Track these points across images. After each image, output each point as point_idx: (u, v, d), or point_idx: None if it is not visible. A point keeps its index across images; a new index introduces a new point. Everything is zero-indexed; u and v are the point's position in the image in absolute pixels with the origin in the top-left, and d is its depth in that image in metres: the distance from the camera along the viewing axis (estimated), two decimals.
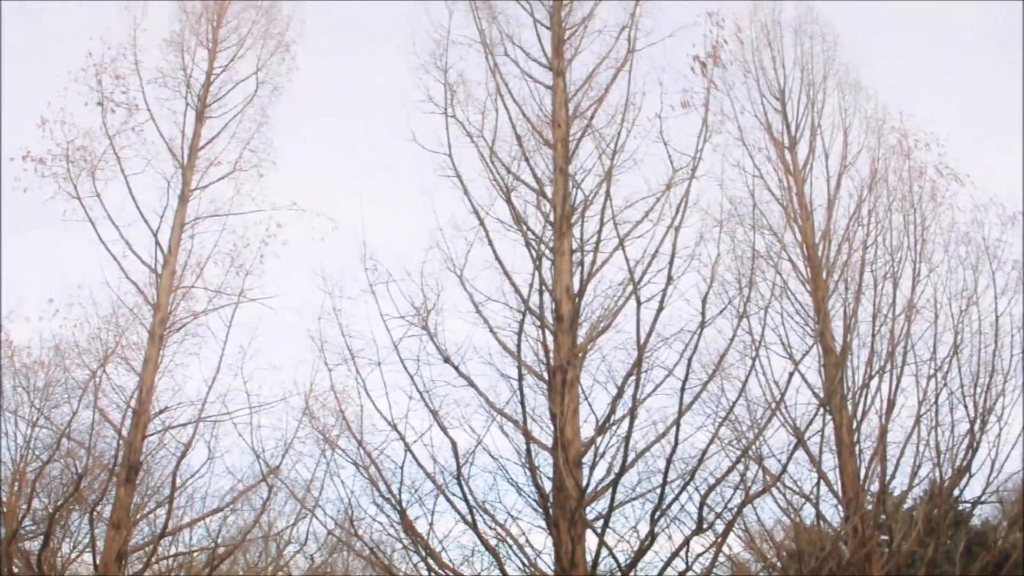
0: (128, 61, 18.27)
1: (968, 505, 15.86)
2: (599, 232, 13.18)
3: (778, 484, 14.00)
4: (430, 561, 11.97)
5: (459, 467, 11.73)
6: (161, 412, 16.97)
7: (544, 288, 13.01)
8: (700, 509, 11.00)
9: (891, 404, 14.46)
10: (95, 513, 16.25)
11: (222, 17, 19.27)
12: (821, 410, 13.73)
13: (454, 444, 11.92)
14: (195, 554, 18.91)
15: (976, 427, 14.29)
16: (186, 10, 19.12)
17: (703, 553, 11.36)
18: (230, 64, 19.05)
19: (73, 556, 19.55)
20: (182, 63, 18.62)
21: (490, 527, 12.11)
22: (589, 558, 11.45)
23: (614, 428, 12.30)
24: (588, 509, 11.83)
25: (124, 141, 17.85)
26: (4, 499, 17.68)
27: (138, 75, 18.24)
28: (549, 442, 12.23)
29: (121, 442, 16.12)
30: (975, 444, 14.20)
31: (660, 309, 11.87)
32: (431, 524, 12.17)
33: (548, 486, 12.11)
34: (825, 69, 18.07)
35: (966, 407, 14.58)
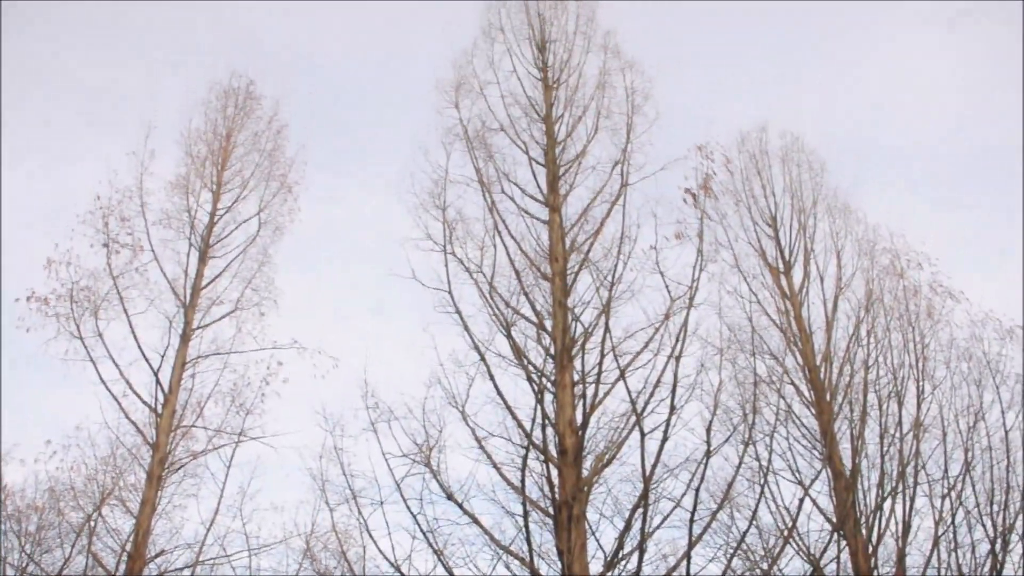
0: (134, 203, 18.77)
1: None
2: (600, 364, 13.24)
3: None
4: None
5: None
6: (157, 556, 16.54)
7: (547, 421, 12.94)
8: None
9: (907, 526, 14.17)
10: None
11: (226, 160, 19.91)
12: (835, 535, 13.45)
13: None
14: None
15: (997, 547, 13.95)
16: (192, 154, 19.79)
17: None
18: (233, 205, 19.58)
19: None
20: (187, 205, 19.12)
21: None
22: None
23: (623, 563, 12.03)
24: None
25: (128, 281, 18.13)
26: None
27: (144, 217, 18.71)
28: None
29: None
30: (998, 566, 13.83)
31: (664, 439, 11.84)
32: None
33: None
34: (814, 195, 18.65)
35: (984, 526, 14.30)
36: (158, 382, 17.29)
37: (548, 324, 13.95)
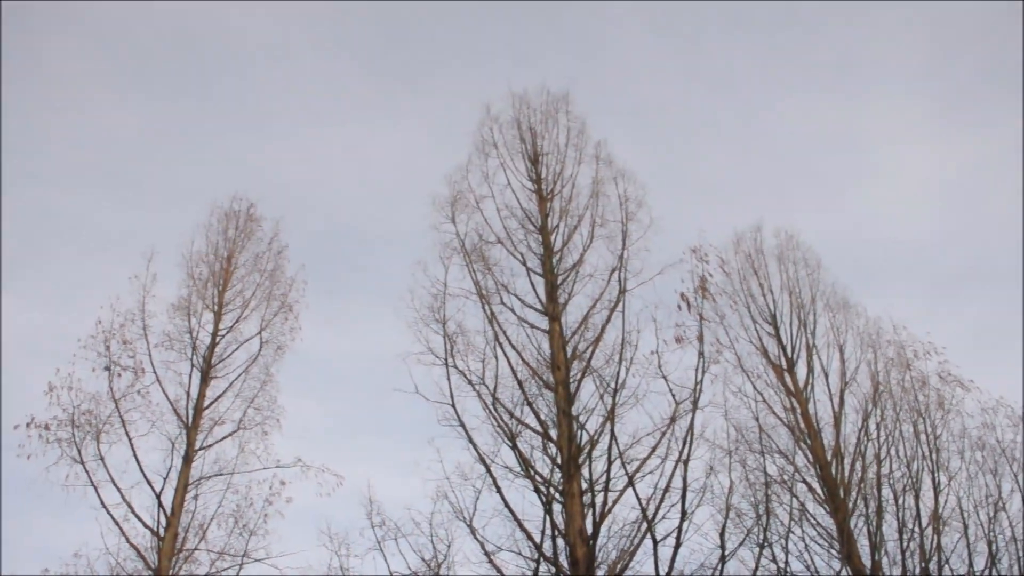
0: (136, 326, 18.89)
1: None
2: (607, 471, 13.10)
3: None
4: None
5: None
6: None
7: (557, 532, 12.71)
8: None
9: None
10: None
11: (228, 281, 20.15)
12: None
13: None
14: None
15: None
16: (193, 275, 20.04)
17: None
18: (235, 325, 19.71)
19: None
20: (188, 326, 19.24)
21: None
22: None
23: None
24: None
25: (129, 404, 18.08)
26: None
27: (146, 339, 18.78)
28: None
29: None
30: None
31: (678, 545, 11.61)
32: None
33: None
34: (812, 291, 18.77)
35: None
36: (160, 504, 17.05)
37: (553, 433, 13.86)
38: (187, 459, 17.82)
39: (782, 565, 12.87)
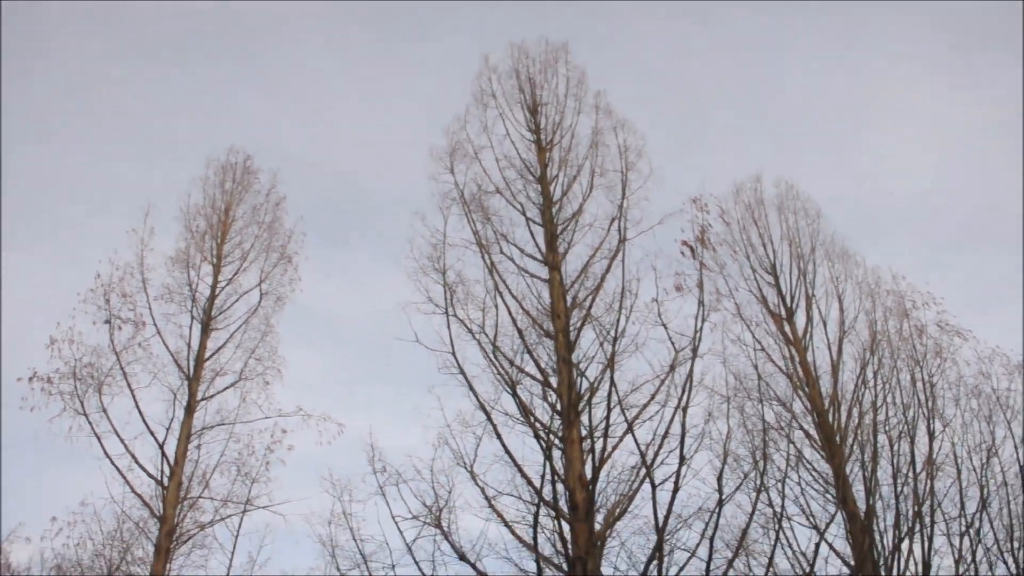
0: (135, 280, 18.91)
1: None
2: (607, 418, 13.22)
3: None
4: None
5: None
6: None
7: (556, 478, 12.88)
8: None
9: (927, 566, 13.98)
10: None
11: (226, 234, 20.12)
12: None
13: None
14: None
15: None
16: (191, 228, 20.00)
17: None
18: (234, 277, 19.73)
19: None
20: (188, 279, 19.26)
21: None
22: None
23: None
24: None
25: (131, 356, 18.18)
26: None
27: (145, 292, 18.82)
28: None
29: None
30: None
31: (676, 490, 11.77)
32: None
33: None
34: (812, 241, 18.82)
35: (1005, 563, 14.16)
36: (163, 455, 17.24)
37: (553, 381, 13.98)
38: (189, 409, 17.98)
39: (778, 509, 13.06)
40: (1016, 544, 14.19)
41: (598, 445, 13.23)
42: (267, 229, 20.41)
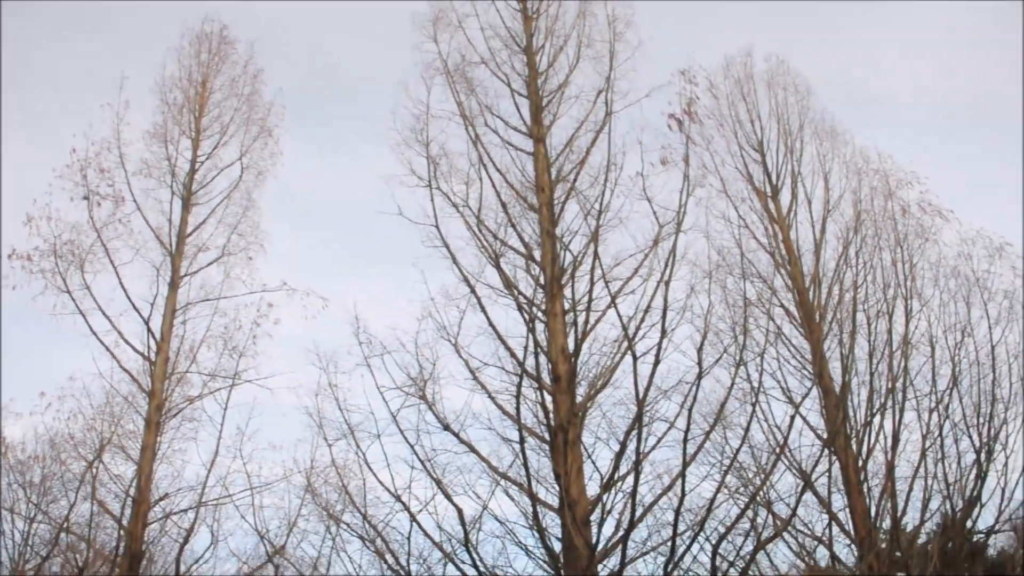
0: (112, 155, 18.55)
1: (982, 535, 15.71)
2: (590, 291, 13.30)
3: (789, 528, 13.85)
4: None
5: (467, 534, 11.61)
6: (161, 499, 16.78)
7: (539, 350, 13.03)
8: (713, 559, 10.89)
9: (896, 440, 14.41)
10: None
11: (203, 107, 19.62)
12: (826, 451, 13.68)
13: (460, 511, 11.80)
14: None
15: (982, 457, 14.30)
16: (168, 102, 19.49)
17: None
18: (214, 151, 19.35)
19: None
20: (166, 153, 18.89)
21: None
22: None
23: (620, 484, 12.26)
24: (600, 567, 11.68)
25: (112, 233, 18.02)
26: None
27: (123, 168, 18.49)
28: (555, 503, 12.12)
29: (122, 532, 15.93)
30: (983, 473, 14.19)
31: (656, 363, 11.89)
32: None
33: (558, 547, 11.98)
34: (801, 118, 18.57)
35: (971, 437, 14.62)
36: (149, 330, 17.32)
37: (537, 254, 13.98)
38: (173, 285, 17.97)
39: (756, 383, 13.30)
40: (981, 420, 14.59)
41: (581, 318, 13.36)
42: (246, 102, 19.92)
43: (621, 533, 11.49)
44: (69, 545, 17.41)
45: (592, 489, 12.46)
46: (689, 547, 11.17)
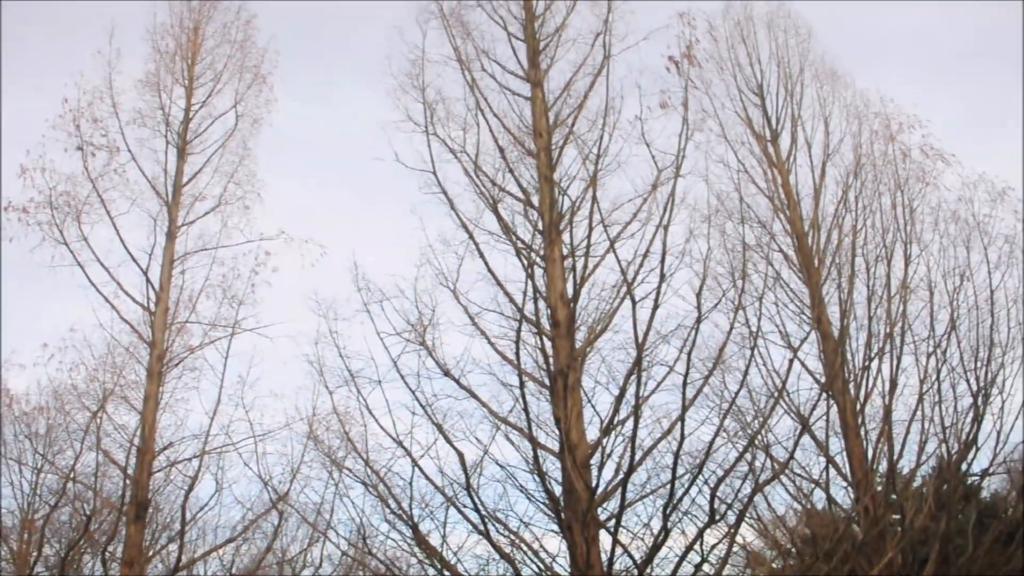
0: (105, 104, 18.31)
1: (976, 478, 15.93)
2: (589, 236, 13.26)
3: (787, 471, 13.99)
4: (446, 573, 11.96)
5: (468, 478, 11.72)
6: (165, 448, 16.99)
7: (538, 295, 13.03)
8: (711, 501, 10.99)
9: (893, 384, 14.52)
10: (107, 554, 16.19)
11: (196, 54, 19.34)
12: (824, 395, 13.75)
13: (461, 456, 11.92)
14: None
15: (979, 400, 14.37)
16: (160, 50, 19.18)
17: (717, 544, 11.33)
18: (208, 100, 19.10)
19: None
20: (160, 102, 18.66)
21: (503, 535, 12.12)
22: (604, 558, 11.43)
23: (619, 428, 12.36)
24: (600, 510, 11.82)
25: (107, 183, 17.89)
26: (14, 547, 17.60)
27: (116, 117, 18.28)
28: (556, 447, 12.22)
29: (128, 481, 16.12)
30: (979, 417, 14.28)
31: (655, 307, 11.89)
32: (444, 537, 12.19)
33: (558, 490, 12.11)
34: (801, 61, 18.30)
35: (968, 381, 14.67)
36: (148, 281, 17.32)
37: (535, 199, 13.90)
38: (170, 235, 17.91)
39: (754, 328, 13.30)
40: (978, 364, 14.65)
41: (579, 264, 13.32)
42: (239, 48, 19.59)
43: (621, 476, 11.60)
44: (76, 494, 17.67)
45: (592, 433, 12.57)
46: (688, 490, 11.27)
